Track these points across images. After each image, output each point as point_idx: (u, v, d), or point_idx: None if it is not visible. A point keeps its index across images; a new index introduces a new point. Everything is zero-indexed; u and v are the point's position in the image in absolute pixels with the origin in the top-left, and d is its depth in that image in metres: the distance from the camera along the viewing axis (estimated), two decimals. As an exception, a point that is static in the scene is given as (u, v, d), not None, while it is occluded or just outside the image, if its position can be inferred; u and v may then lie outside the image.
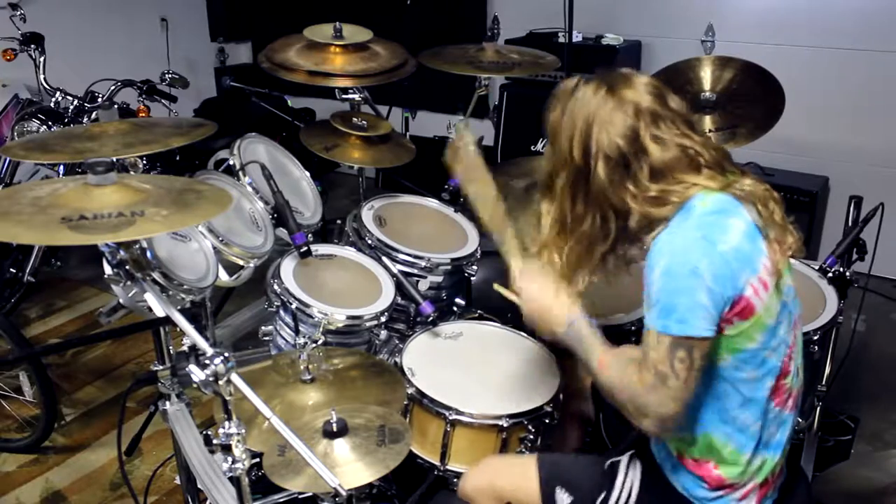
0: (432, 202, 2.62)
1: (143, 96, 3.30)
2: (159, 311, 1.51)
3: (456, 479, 1.83)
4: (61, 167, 2.99)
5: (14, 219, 1.27)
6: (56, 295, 3.72)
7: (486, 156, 1.83)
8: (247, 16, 5.33)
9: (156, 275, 1.68)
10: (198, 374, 1.25)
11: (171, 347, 1.76)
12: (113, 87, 3.20)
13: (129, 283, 1.56)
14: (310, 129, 2.67)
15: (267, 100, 3.61)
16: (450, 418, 1.83)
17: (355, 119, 2.61)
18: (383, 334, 2.14)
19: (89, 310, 3.57)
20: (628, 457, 1.59)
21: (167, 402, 1.80)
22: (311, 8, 4.02)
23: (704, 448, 1.45)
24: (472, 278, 2.45)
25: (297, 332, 2.07)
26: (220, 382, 1.26)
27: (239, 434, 1.32)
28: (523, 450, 1.87)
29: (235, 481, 1.38)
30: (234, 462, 1.34)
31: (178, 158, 3.54)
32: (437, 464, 1.89)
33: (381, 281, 2.24)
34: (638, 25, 4.04)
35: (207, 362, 1.25)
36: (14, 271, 3.17)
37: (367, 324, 2.10)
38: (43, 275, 3.38)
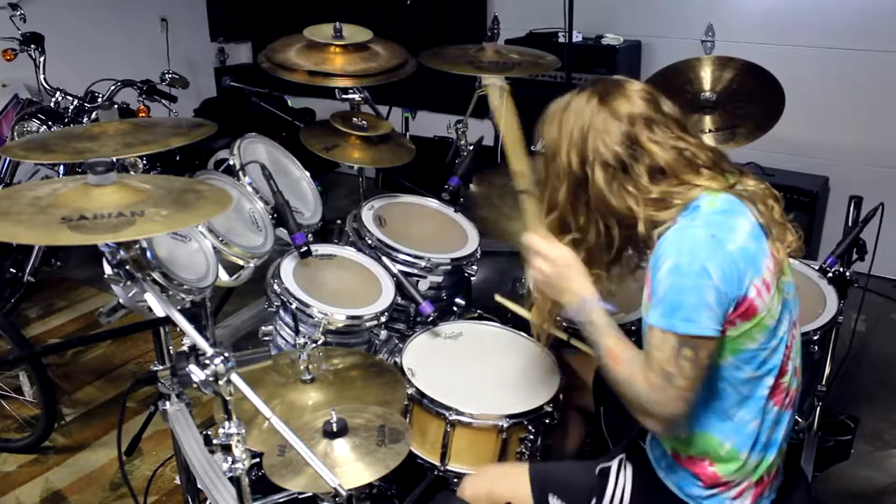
0: (432, 202, 2.62)
1: (143, 96, 3.30)
2: (159, 311, 1.51)
3: (456, 480, 1.83)
4: (61, 167, 2.99)
5: (14, 219, 1.27)
6: (56, 295, 3.72)
7: (486, 156, 1.83)
8: (247, 16, 5.33)
9: (156, 275, 1.68)
10: (198, 374, 1.25)
11: (171, 347, 1.76)
12: (113, 87, 3.20)
13: (129, 283, 1.56)
14: (310, 129, 2.67)
15: (267, 100, 3.61)
16: (450, 418, 1.83)
17: (355, 119, 2.61)
18: (383, 334, 2.14)
19: (89, 310, 3.57)
20: (618, 461, 1.60)
21: (167, 402, 1.80)
22: (311, 8, 4.02)
23: (701, 446, 1.45)
24: (472, 278, 2.45)
25: (297, 332, 2.07)
26: (220, 382, 1.26)
27: (239, 434, 1.31)
28: (523, 450, 1.86)
29: (235, 481, 1.38)
30: (234, 462, 1.33)
31: (178, 158, 3.55)
32: (437, 464, 1.89)
33: (381, 281, 2.24)
34: (638, 25, 4.03)
35: (207, 362, 1.25)
36: (14, 271, 3.17)
37: (367, 324, 2.10)
38: (43, 275, 3.39)
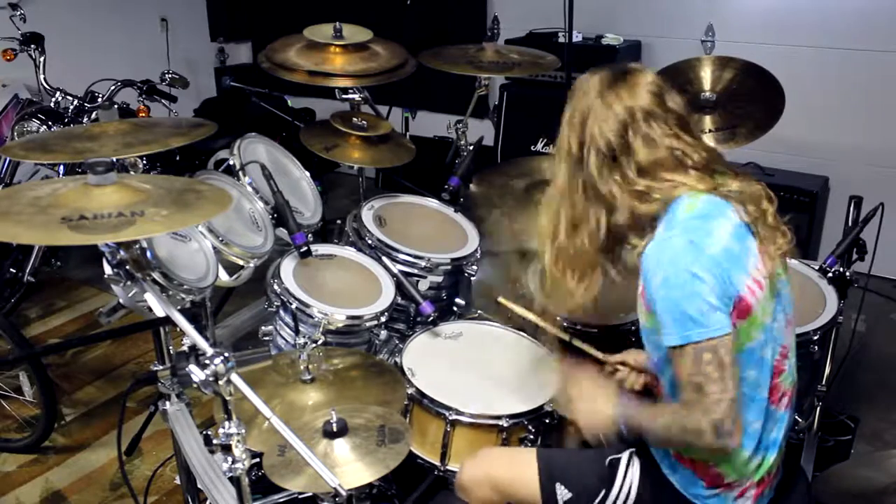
0: (432, 202, 2.62)
1: (143, 96, 3.30)
2: (159, 311, 1.51)
3: (455, 474, 1.83)
4: (61, 167, 2.98)
5: (14, 219, 1.27)
6: (56, 295, 3.72)
7: (486, 156, 1.83)
8: (247, 16, 5.32)
9: (156, 275, 1.68)
10: (198, 374, 1.25)
11: (171, 347, 1.75)
12: (113, 87, 3.20)
13: (129, 283, 1.56)
14: (310, 129, 2.67)
15: (267, 100, 3.61)
16: (450, 418, 1.83)
17: (355, 119, 2.61)
18: (383, 334, 2.14)
19: (89, 310, 3.57)
20: (629, 454, 1.59)
21: (167, 402, 1.80)
22: (311, 8, 4.02)
23: (701, 452, 1.45)
24: (472, 278, 2.45)
25: (297, 332, 2.07)
26: (220, 382, 1.26)
27: (239, 434, 1.32)
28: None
29: (235, 481, 1.38)
30: (234, 462, 1.34)
31: (178, 158, 3.54)
32: (437, 464, 1.89)
33: (381, 281, 2.24)
34: (638, 25, 4.03)
35: (207, 362, 1.25)
36: (14, 271, 3.17)
37: (367, 324, 2.10)
38: (43, 275, 3.38)
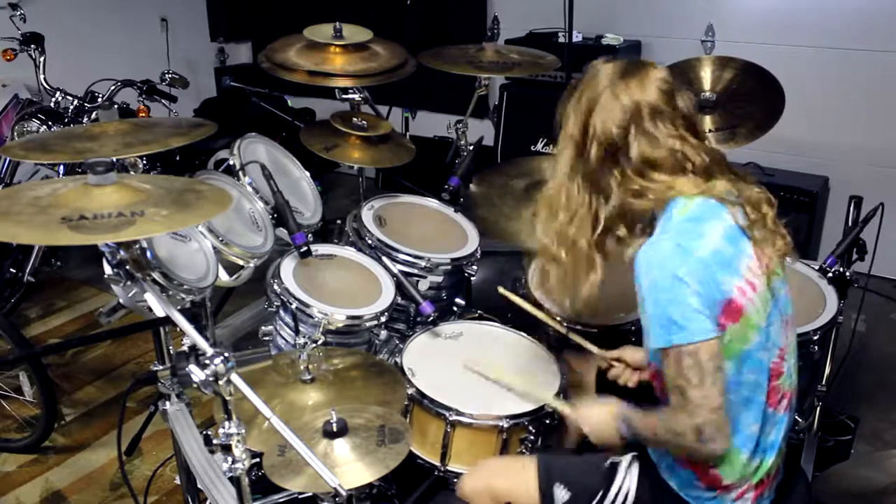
0: (432, 202, 2.62)
1: (143, 96, 3.30)
2: (159, 311, 1.51)
3: (456, 480, 1.83)
4: (61, 167, 2.98)
5: (14, 219, 1.27)
6: (56, 295, 3.72)
7: (486, 156, 1.84)
8: (247, 16, 5.33)
9: (156, 275, 1.68)
10: (198, 374, 1.25)
11: (171, 347, 1.76)
12: (113, 87, 3.20)
13: (129, 283, 1.56)
14: (310, 129, 2.67)
15: (267, 100, 3.61)
16: (450, 419, 1.83)
17: (355, 119, 2.61)
18: (383, 334, 2.14)
19: (89, 310, 3.57)
20: (630, 457, 1.59)
21: (167, 402, 1.80)
22: (311, 8, 4.02)
23: (688, 456, 1.45)
24: (472, 278, 2.45)
25: (297, 332, 2.07)
26: (220, 382, 1.26)
27: (239, 434, 1.32)
28: (523, 450, 1.86)
29: (235, 481, 1.38)
30: (234, 462, 1.34)
31: (178, 158, 3.54)
32: (437, 464, 1.89)
33: (381, 281, 2.24)
34: (638, 25, 4.03)
35: (207, 362, 1.25)
36: (14, 271, 3.17)
37: (367, 324, 2.10)
38: (43, 275, 3.38)
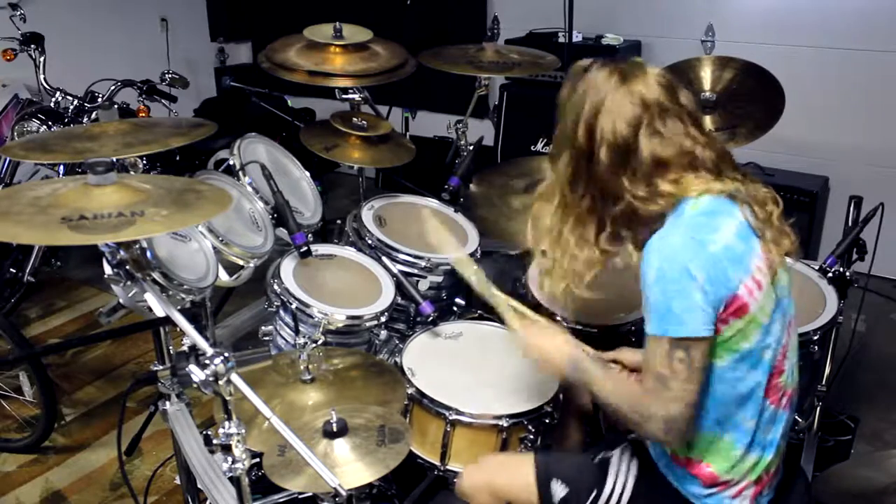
0: (432, 202, 2.62)
1: (143, 96, 3.30)
2: (159, 311, 1.51)
3: (456, 479, 1.83)
4: (61, 167, 2.98)
5: (14, 219, 1.27)
6: (56, 295, 3.72)
7: (486, 156, 1.84)
8: (247, 16, 5.32)
9: (156, 275, 1.68)
10: (198, 374, 1.25)
11: (171, 347, 1.75)
12: (113, 87, 3.20)
13: (129, 283, 1.56)
14: (310, 129, 2.67)
15: (267, 100, 3.61)
16: (450, 418, 1.83)
17: (355, 119, 2.61)
18: (383, 334, 2.14)
19: (89, 310, 3.57)
20: (620, 450, 1.60)
21: (167, 402, 1.80)
22: (311, 8, 4.02)
23: (698, 447, 1.45)
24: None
25: (297, 332, 2.07)
26: (220, 382, 1.26)
27: (239, 434, 1.31)
28: (523, 450, 1.86)
29: (235, 481, 1.38)
30: (234, 462, 1.34)
31: (178, 158, 3.54)
32: (437, 464, 1.89)
33: (381, 281, 2.24)
34: (638, 25, 4.03)
35: (207, 362, 1.25)
36: (14, 271, 3.17)
37: (367, 324, 2.10)
38: (43, 275, 3.38)
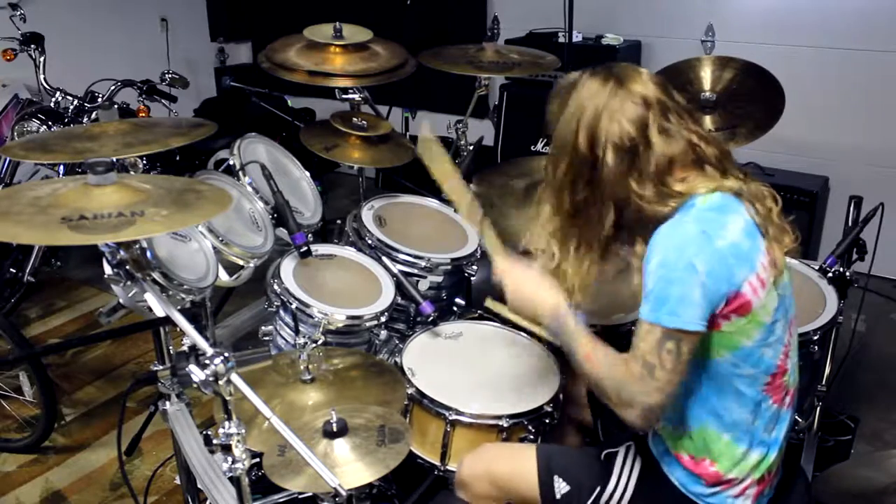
0: (432, 202, 2.62)
1: (143, 96, 3.30)
2: (159, 311, 1.51)
3: (455, 470, 1.83)
4: (61, 167, 2.98)
5: (14, 219, 1.27)
6: (56, 295, 3.72)
7: (486, 156, 1.84)
8: (247, 16, 5.32)
9: (156, 275, 1.68)
10: (198, 374, 1.25)
11: (171, 347, 1.75)
12: (113, 87, 3.20)
13: (129, 283, 1.56)
14: (310, 129, 2.67)
15: (267, 100, 3.61)
16: (450, 418, 1.83)
17: (355, 119, 2.61)
18: (383, 334, 2.14)
19: (89, 310, 3.57)
20: (625, 448, 1.60)
21: (167, 402, 1.80)
22: (311, 8, 4.02)
23: (700, 444, 1.46)
24: (472, 278, 2.45)
25: (297, 332, 2.07)
26: (220, 382, 1.26)
27: (239, 434, 1.31)
28: (524, 447, 1.86)
29: (235, 481, 1.38)
30: (234, 462, 1.34)
31: (178, 158, 3.54)
32: (437, 464, 1.89)
33: (381, 281, 2.24)
34: (638, 25, 4.03)
35: (207, 362, 1.25)
36: (14, 271, 3.17)
37: (367, 324, 2.10)
38: (43, 275, 3.38)
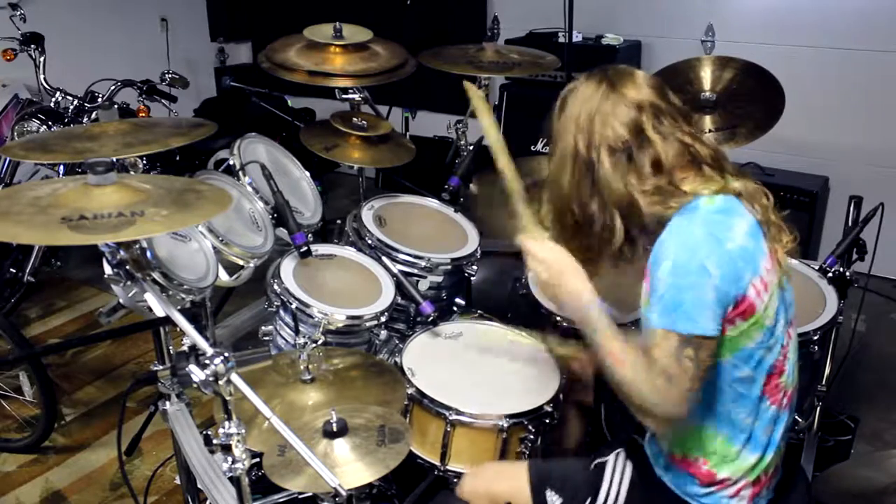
0: (432, 202, 2.61)
1: (143, 96, 3.30)
2: (159, 311, 1.51)
3: (456, 480, 1.83)
4: (61, 167, 2.98)
5: (14, 219, 1.27)
6: (56, 295, 3.72)
7: (486, 156, 1.83)
8: (247, 16, 5.33)
9: (156, 275, 1.68)
10: (198, 374, 1.25)
11: (171, 347, 1.75)
12: (113, 87, 3.20)
13: (129, 283, 1.56)
14: (310, 129, 2.67)
15: (267, 100, 3.61)
16: (450, 418, 1.83)
17: (355, 119, 2.60)
18: (383, 334, 2.14)
19: (89, 310, 3.57)
20: (615, 456, 1.60)
21: (167, 402, 1.80)
22: (311, 8, 4.02)
23: (696, 445, 1.46)
24: (472, 278, 2.45)
25: (297, 332, 2.06)
26: (220, 382, 1.25)
27: (239, 434, 1.31)
28: (524, 450, 1.86)
29: (235, 481, 1.38)
30: (234, 462, 1.33)
31: (178, 158, 3.54)
32: (437, 464, 1.89)
33: (381, 281, 2.24)
34: (638, 25, 4.03)
35: (207, 362, 1.25)
36: (14, 271, 3.17)
37: (367, 324, 2.10)
38: (43, 275, 3.38)
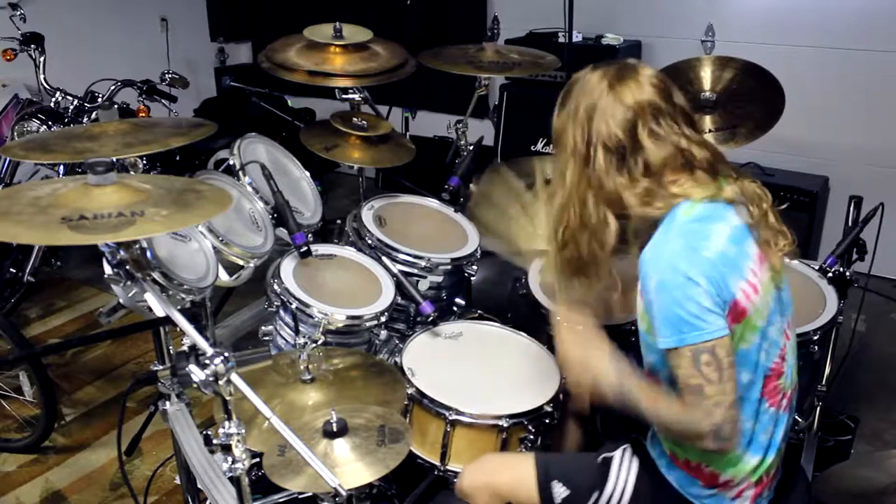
0: (432, 202, 2.62)
1: (143, 96, 3.30)
2: (159, 311, 1.51)
3: (456, 480, 1.83)
4: (61, 167, 2.98)
5: (14, 219, 1.27)
6: (56, 295, 3.72)
7: (486, 156, 1.84)
8: (247, 16, 5.33)
9: (156, 275, 1.68)
10: (198, 374, 1.25)
11: (171, 347, 1.75)
12: (113, 87, 3.20)
13: (129, 283, 1.56)
14: (310, 129, 2.67)
15: (267, 100, 3.61)
16: (450, 418, 1.83)
17: (355, 119, 2.61)
18: (383, 334, 2.14)
19: (89, 310, 3.57)
20: (622, 451, 1.60)
21: (167, 402, 1.80)
22: (311, 8, 4.02)
23: (697, 448, 1.45)
24: (472, 278, 2.45)
25: (297, 332, 2.07)
26: (220, 382, 1.26)
27: (239, 434, 1.31)
28: (523, 450, 1.86)
29: (235, 481, 1.38)
30: (234, 462, 1.34)
31: (178, 158, 3.54)
32: (437, 464, 1.89)
33: (381, 281, 2.24)
34: (638, 25, 4.03)
35: (207, 362, 1.25)
36: (14, 271, 3.17)
37: (367, 324, 2.10)
38: (43, 275, 3.38)
